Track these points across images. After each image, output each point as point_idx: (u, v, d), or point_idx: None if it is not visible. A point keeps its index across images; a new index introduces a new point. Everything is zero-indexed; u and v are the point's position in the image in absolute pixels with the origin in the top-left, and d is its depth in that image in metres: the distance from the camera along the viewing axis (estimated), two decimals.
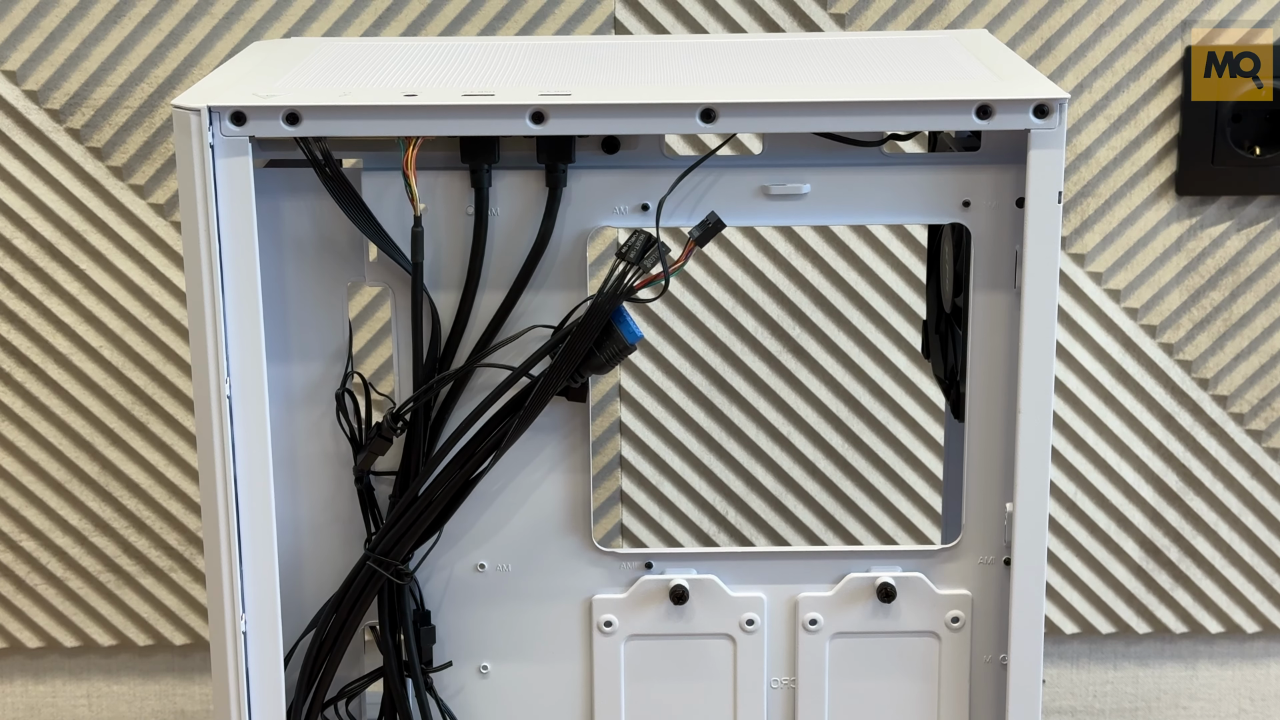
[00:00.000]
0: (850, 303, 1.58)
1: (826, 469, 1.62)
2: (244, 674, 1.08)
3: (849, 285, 1.58)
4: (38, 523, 1.63)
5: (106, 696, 1.70)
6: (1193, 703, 1.71)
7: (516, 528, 1.11)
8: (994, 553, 1.11)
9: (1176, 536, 1.64)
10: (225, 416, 1.04)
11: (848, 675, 1.13)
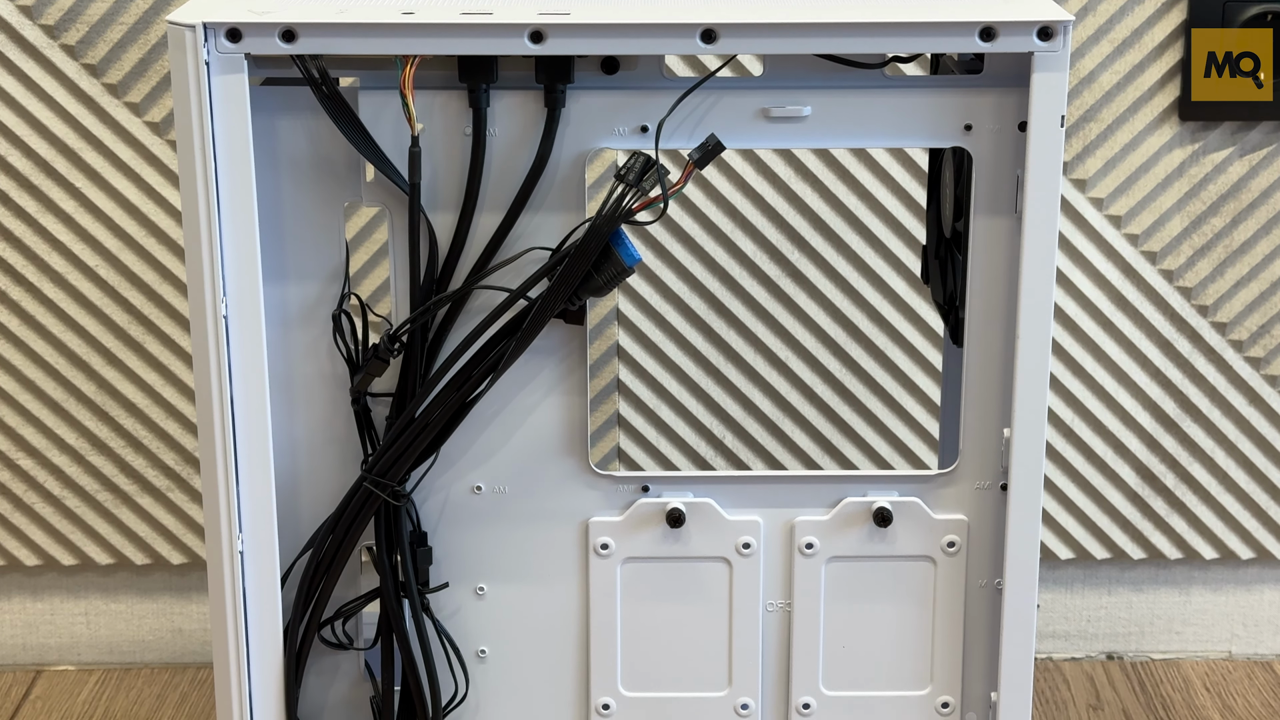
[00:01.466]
0: (849, 227, 1.58)
1: (824, 394, 1.62)
2: (241, 593, 1.08)
3: (848, 209, 1.57)
4: (35, 441, 1.63)
5: (104, 615, 1.71)
6: (1186, 628, 1.72)
7: (513, 450, 1.11)
8: (990, 478, 1.11)
9: (1173, 463, 1.64)
10: (221, 336, 1.03)
11: (843, 599, 1.13)
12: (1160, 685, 1.65)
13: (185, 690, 1.66)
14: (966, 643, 1.14)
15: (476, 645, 1.14)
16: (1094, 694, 1.64)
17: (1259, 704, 1.62)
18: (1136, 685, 1.65)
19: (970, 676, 1.14)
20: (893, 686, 1.14)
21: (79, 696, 1.65)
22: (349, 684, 1.15)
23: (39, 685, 1.67)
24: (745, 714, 1.14)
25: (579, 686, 1.15)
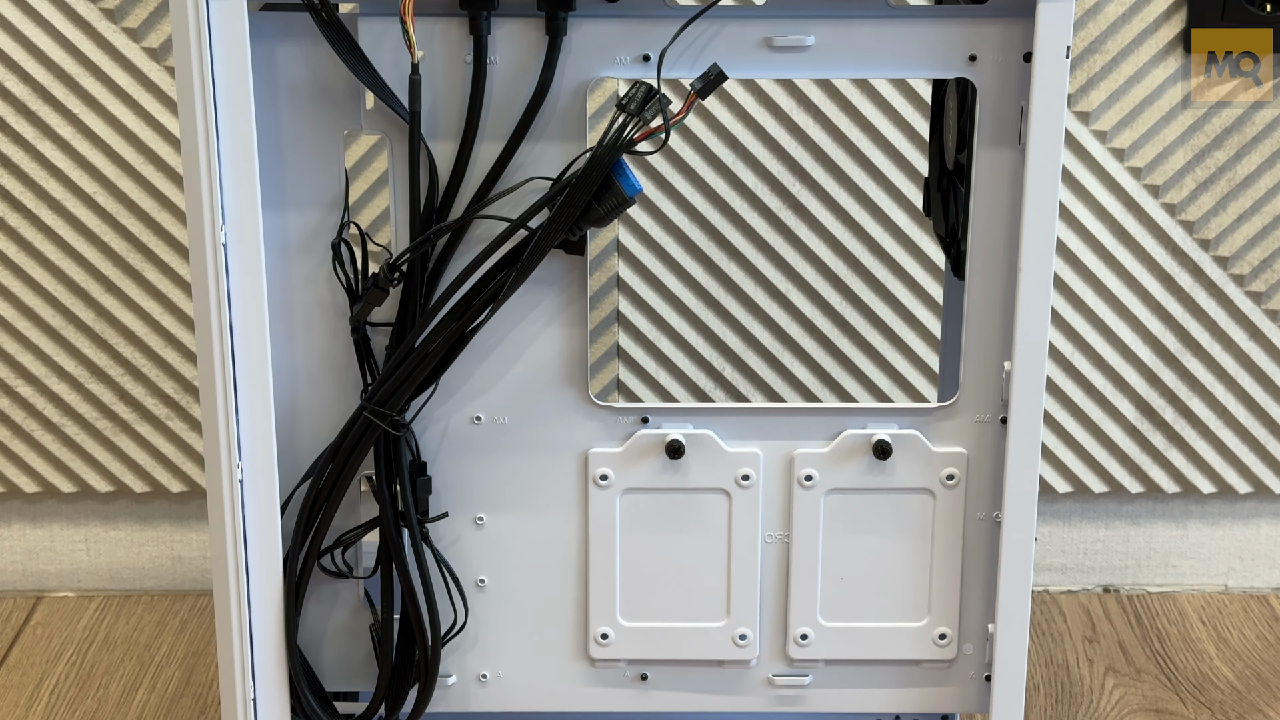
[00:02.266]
0: (851, 159, 1.57)
1: (824, 326, 1.62)
2: (240, 522, 1.08)
3: (850, 141, 1.57)
4: (34, 369, 1.63)
5: (104, 542, 1.71)
6: (1183, 561, 1.72)
7: (513, 380, 1.11)
8: (990, 411, 1.11)
9: (1172, 397, 1.64)
10: (220, 265, 1.03)
11: (842, 531, 1.13)
12: (1156, 618, 1.66)
13: (185, 617, 1.66)
14: (964, 575, 1.14)
15: (476, 575, 1.15)
16: (1090, 626, 1.65)
17: (1254, 637, 1.63)
18: (1132, 618, 1.66)
19: (968, 608, 1.15)
20: (890, 618, 1.15)
21: (79, 622, 1.65)
22: (349, 612, 1.15)
23: (39, 611, 1.68)
24: (743, 644, 1.15)
25: (578, 616, 1.15)
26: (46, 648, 1.61)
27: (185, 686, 1.54)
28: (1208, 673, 1.56)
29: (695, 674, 1.16)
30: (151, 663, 1.58)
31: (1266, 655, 1.59)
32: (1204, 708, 1.51)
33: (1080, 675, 1.56)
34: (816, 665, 1.16)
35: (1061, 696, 1.52)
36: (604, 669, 1.16)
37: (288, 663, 1.12)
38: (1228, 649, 1.61)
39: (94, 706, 1.51)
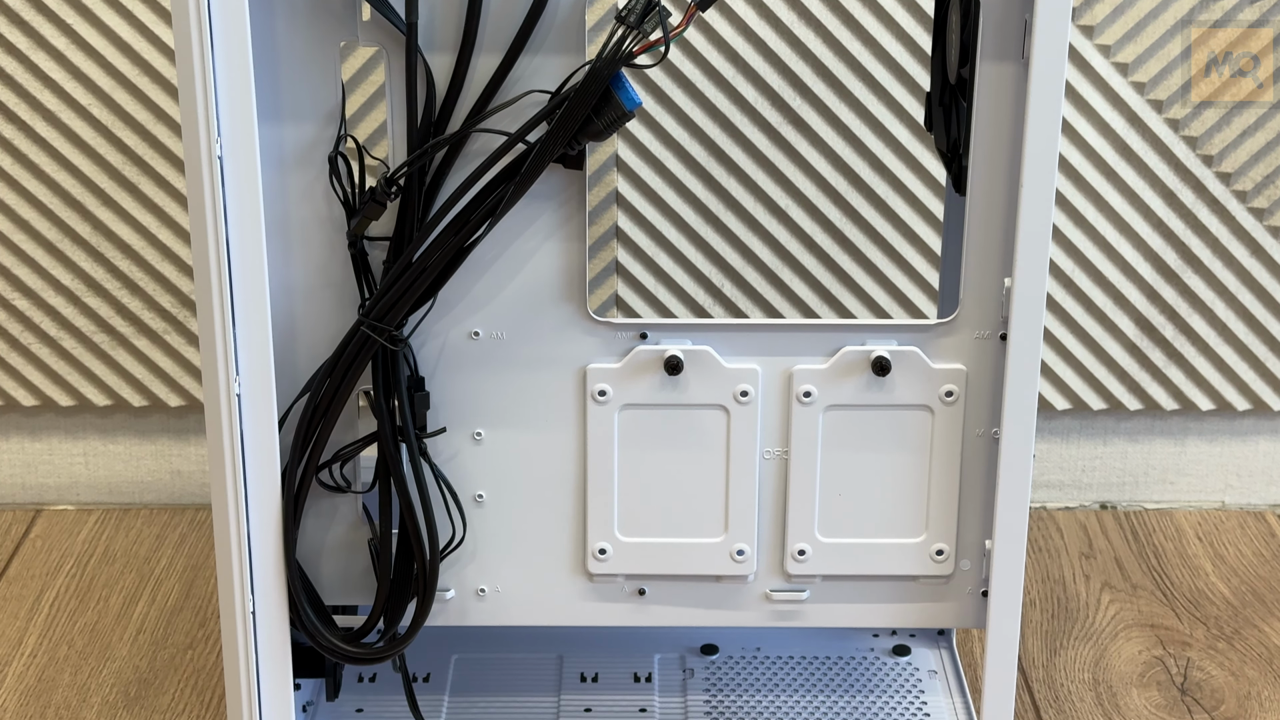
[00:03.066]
0: (852, 73, 1.56)
1: (824, 242, 1.61)
2: (238, 436, 1.08)
3: (851, 55, 1.55)
4: (30, 282, 1.63)
5: (103, 456, 1.71)
6: (1180, 478, 1.73)
7: (511, 296, 1.10)
8: (990, 328, 1.10)
9: (1172, 314, 1.64)
10: (216, 178, 1.02)
11: (840, 447, 1.13)
12: (1153, 534, 1.67)
13: (184, 531, 1.67)
14: (962, 491, 1.14)
15: (474, 490, 1.15)
16: (1087, 543, 1.65)
17: (1250, 553, 1.63)
18: (1129, 534, 1.67)
19: (965, 524, 1.15)
20: (888, 534, 1.15)
21: (79, 536, 1.66)
22: (347, 527, 1.15)
23: (39, 524, 1.68)
24: (741, 560, 1.15)
25: (576, 531, 1.15)
26: (46, 560, 1.61)
27: (185, 599, 1.55)
28: (1203, 588, 1.57)
29: (693, 589, 1.17)
30: (151, 576, 1.59)
31: (1262, 571, 1.60)
32: (1199, 623, 1.51)
33: (1076, 591, 1.57)
34: (814, 581, 1.16)
35: (1057, 612, 1.53)
36: (602, 584, 1.17)
37: (286, 576, 1.12)
38: (1224, 565, 1.61)
39: (94, 618, 1.51)
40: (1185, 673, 1.44)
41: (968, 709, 1.31)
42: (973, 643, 1.46)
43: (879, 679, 1.36)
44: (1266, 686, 1.42)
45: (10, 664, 1.44)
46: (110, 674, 1.43)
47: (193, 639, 1.48)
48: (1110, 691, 1.41)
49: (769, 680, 1.35)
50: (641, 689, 1.34)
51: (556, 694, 1.33)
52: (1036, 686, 1.42)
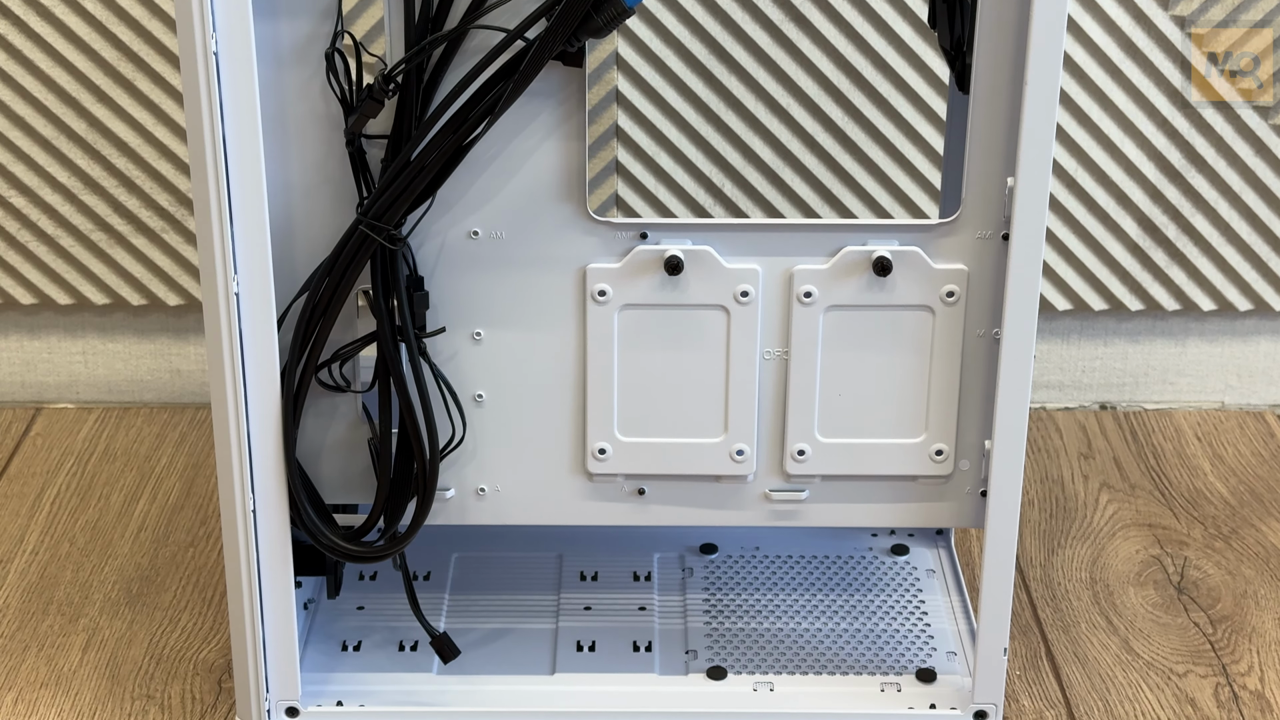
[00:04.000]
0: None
1: (825, 141, 1.60)
2: (237, 335, 1.08)
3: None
4: (26, 179, 1.62)
5: (102, 354, 1.71)
6: (1180, 379, 1.72)
7: (510, 195, 1.10)
8: (992, 228, 1.10)
9: (1175, 214, 1.63)
10: (213, 74, 1.01)
11: (840, 347, 1.13)
12: (1152, 435, 1.67)
13: (184, 430, 1.67)
14: (962, 392, 1.14)
15: (473, 390, 1.15)
16: (1086, 443, 1.65)
17: (1249, 453, 1.64)
18: (1128, 434, 1.67)
19: (965, 425, 1.15)
20: (888, 434, 1.15)
21: (79, 434, 1.66)
22: (346, 426, 1.15)
23: (39, 422, 1.69)
24: (740, 460, 1.15)
25: (576, 431, 1.15)
26: (47, 458, 1.62)
27: (186, 498, 1.55)
28: (1202, 488, 1.58)
29: (692, 489, 1.17)
30: (152, 474, 1.59)
31: (1261, 471, 1.61)
32: (1197, 523, 1.52)
33: (1075, 491, 1.57)
34: (813, 481, 1.17)
35: (1056, 512, 1.54)
36: (601, 483, 1.17)
37: (286, 475, 1.12)
38: (1223, 465, 1.62)
39: (95, 516, 1.52)
40: (1182, 572, 1.45)
41: (965, 608, 1.32)
42: (971, 542, 1.47)
43: (877, 578, 1.36)
44: (1263, 585, 1.43)
45: (12, 561, 1.45)
46: (112, 571, 1.44)
47: (194, 537, 1.49)
48: (1107, 590, 1.42)
49: (767, 579, 1.36)
50: (641, 587, 1.35)
51: (556, 592, 1.34)
52: (1034, 585, 1.43)
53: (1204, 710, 1.27)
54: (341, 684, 1.23)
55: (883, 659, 1.27)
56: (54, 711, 1.27)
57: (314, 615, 1.31)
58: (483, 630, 1.29)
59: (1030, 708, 1.28)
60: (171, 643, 1.34)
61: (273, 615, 1.16)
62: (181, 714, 1.26)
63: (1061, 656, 1.33)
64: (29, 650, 1.33)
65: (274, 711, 1.20)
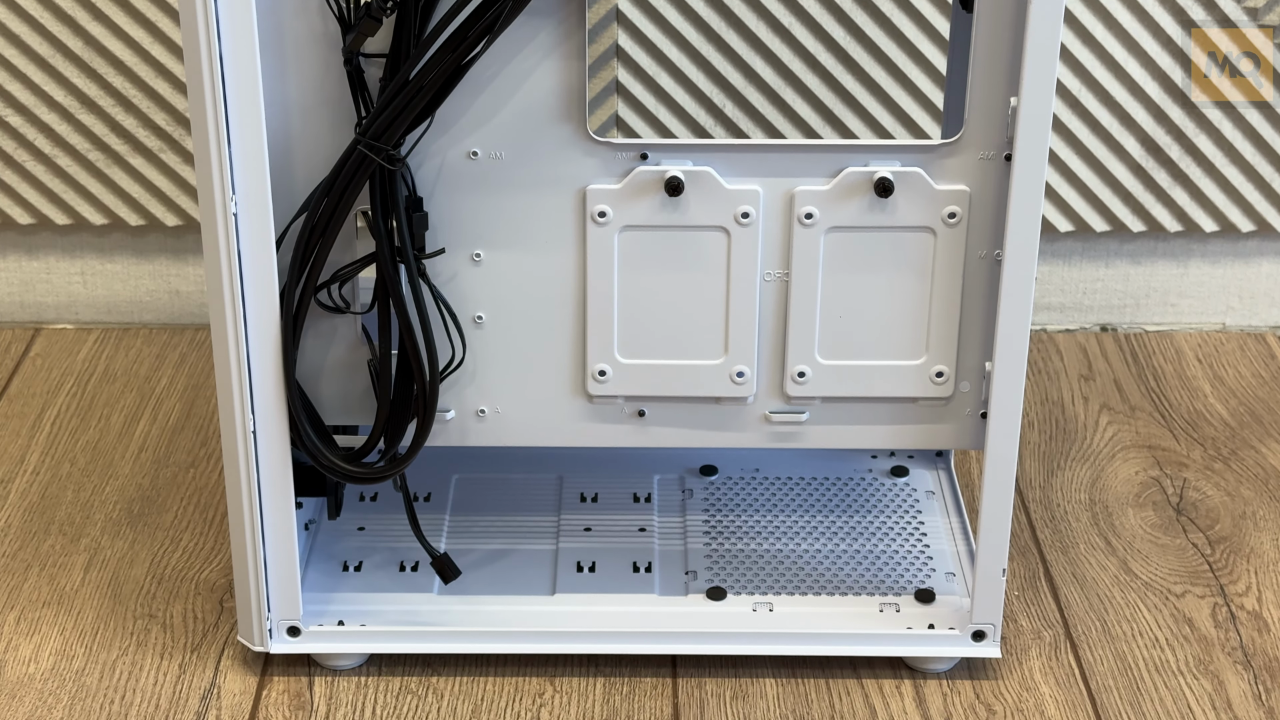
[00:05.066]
0: None
1: (827, 61, 1.59)
2: (235, 255, 1.08)
3: None
4: (23, 98, 1.61)
5: (100, 275, 1.71)
6: (1181, 300, 1.72)
7: (510, 115, 1.09)
8: (995, 148, 1.09)
9: (1179, 134, 1.62)
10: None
11: (841, 269, 1.13)
12: (1152, 356, 1.67)
13: (184, 351, 1.67)
14: (963, 313, 1.14)
15: (473, 311, 1.14)
16: (1086, 365, 1.65)
17: (1249, 374, 1.64)
18: (1129, 356, 1.67)
19: (965, 347, 1.15)
20: (888, 356, 1.15)
21: (79, 355, 1.66)
22: (346, 347, 1.15)
23: (38, 343, 1.68)
24: (741, 381, 1.15)
25: (576, 353, 1.15)
26: (47, 379, 1.62)
27: (186, 419, 1.55)
28: (1202, 410, 1.58)
29: (692, 410, 1.17)
30: (152, 395, 1.59)
31: (1261, 393, 1.61)
32: (1196, 444, 1.52)
33: (1075, 413, 1.57)
34: (813, 403, 1.17)
35: (1055, 433, 1.54)
36: (601, 405, 1.17)
37: (286, 396, 1.12)
38: (1223, 386, 1.62)
39: (96, 437, 1.52)
40: (1181, 493, 1.45)
41: (964, 529, 1.33)
42: (970, 464, 1.47)
43: (877, 499, 1.37)
44: (1261, 506, 1.43)
45: (13, 480, 1.45)
46: (113, 491, 1.44)
47: (194, 457, 1.49)
48: (1106, 511, 1.42)
49: (767, 500, 1.36)
50: (641, 509, 1.35)
51: (556, 513, 1.35)
52: (1033, 507, 1.43)
53: (1201, 630, 1.28)
54: (342, 604, 1.24)
55: (882, 580, 1.27)
56: (56, 630, 1.27)
57: (315, 536, 1.31)
58: (483, 551, 1.30)
59: (1028, 628, 1.28)
60: (173, 562, 1.35)
61: (274, 536, 1.17)
62: (183, 633, 1.27)
63: (1060, 577, 1.34)
64: (31, 570, 1.34)
65: (276, 631, 1.21)
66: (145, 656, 1.25)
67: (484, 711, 1.20)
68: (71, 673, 1.23)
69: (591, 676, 1.23)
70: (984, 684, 1.22)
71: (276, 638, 1.21)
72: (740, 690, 1.22)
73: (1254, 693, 1.22)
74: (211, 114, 1.04)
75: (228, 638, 1.26)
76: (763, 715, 1.19)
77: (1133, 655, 1.26)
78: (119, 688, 1.22)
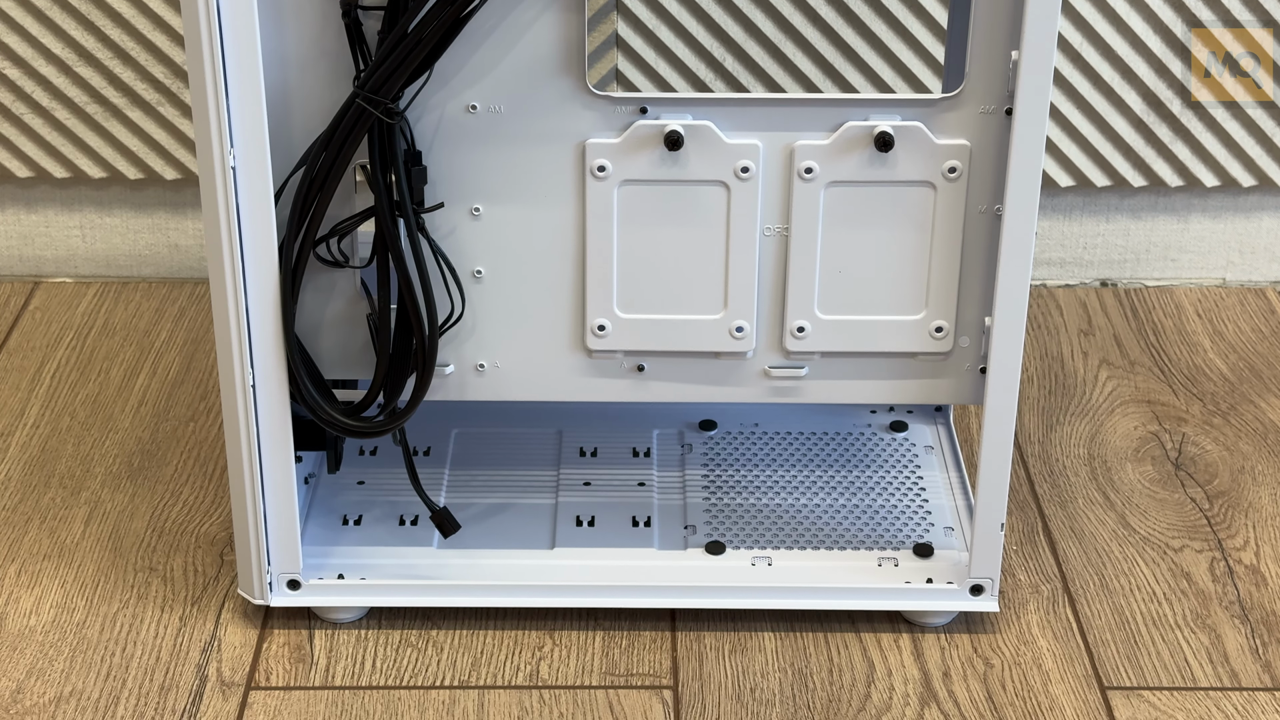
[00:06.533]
0: None
1: (827, 14, 1.58)
2: (234, 209, 1.08)
3: None
4: (20, 50, 1.60)
5: (99, 229, 1.71)
6: (1182, 255, 1.72)
7: (509, 68, 1.08)
8: (996, 102, 1.09)
9: (1180, 89, 1.62)
10: None
11: (841, 224, 1.12)
12: (1152, 311, 1.67)
13: (183, 304, 1.67)
14: (963, 268, 1.14)
15: (472, 265, 1.14)
16: (1086, 320, 1.65)
17: (1249, 329, 1.64)
18: (1129, 311, 1.67)
19: (965, 301, 1.15)
20: (888, 311, 1.15)
21: (78, 308, 1.66)
22: (345, 301, 1.15)
23: (37, 296, 1.68)
24: (740, 336, 1.15)
25: (575, 308, 1.15)
26: (46, 332, 1.62)
27: (186, 372, 1.55)
28: (1201, 365, 1.58)
29: (692, 365, 1.17)
30: (151, 349, 1.59)
31: (1260, 348, 1.61)
32: (1195, 399, 1.52)
33: (1074, 368, 1.57)
34: (813, 358, 1.17)
35: (1055, 389, 1.54)
36: (601, 360, 1.17)
37: (285, 350, 1.12)
38: (1222, 342, 1.62)
39: (95, 390, 1.52)
40: (1180, 448, 1.45)
41: (963, 484, 1.33)
42: (969, 419, 1.47)
43: (876, 454, 1.37)
44: (1260, 461, 1.43)
45: (13, 434, 1.45)
46: (113, 445, 1.44)
47: (194, 411, 1.49)
48: (1105, 466, 1.42)
49: (766, 455, 1.36)
50: (640, 463, 1.35)
51: (556, 468, 1.35)
52: (1032, 462, 1.43)
53: (1199, 584, 1.28)
54: (342, 557, 1.24)
55: (880, 534, 1.27)
56: (57, 582, 1.28)
57: (314, 490, 1.32)
58: (482, 505, 1.30)
59: (1026, 582, 1.29)
60: (173, 516, 1.35)
61: (273, 489, 1.17)
62: (184, 586, 1.27)
63: (1058, 532, 1.34)
64: (31, 522, 1.34)
65: (276, 584, 1.21)
66: (146, 609, 1.25)
67: (483, 664, 1.20)
68: (72, 625, 1.24)
69: (590, 630, 1.23)
70: (982, 638, 1.23)
71: (276, 591, 1.21)
72: (739, 644, 1.22)
73: (1251, 646, 1.23)
74: (209, 67, 1.03)
75: (228, 591, 1.27)
76: (761, 669, 1.20)
77: (1130, 609, 1.26)
78: (120, 640, 1.22)
